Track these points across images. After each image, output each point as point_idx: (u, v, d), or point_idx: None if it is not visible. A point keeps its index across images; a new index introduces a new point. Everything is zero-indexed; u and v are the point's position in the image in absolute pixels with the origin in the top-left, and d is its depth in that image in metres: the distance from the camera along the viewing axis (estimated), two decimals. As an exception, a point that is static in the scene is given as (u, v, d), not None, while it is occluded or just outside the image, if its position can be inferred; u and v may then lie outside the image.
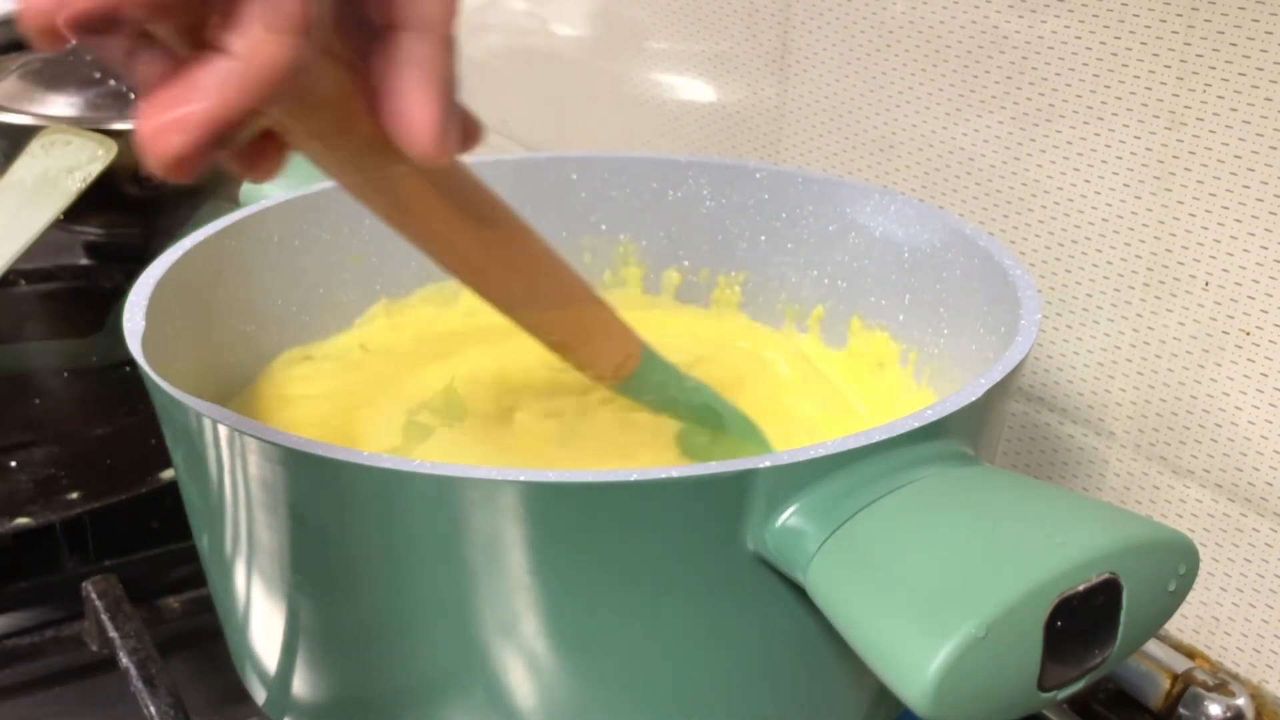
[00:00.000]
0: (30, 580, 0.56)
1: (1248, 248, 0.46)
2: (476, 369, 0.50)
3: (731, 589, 0.34)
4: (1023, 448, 0.56)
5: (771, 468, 0.32)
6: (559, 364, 0.40)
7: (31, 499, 0.57)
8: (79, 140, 0.75)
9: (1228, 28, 0.45)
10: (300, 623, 0.38)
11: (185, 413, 0.36)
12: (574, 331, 0.37)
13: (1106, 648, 0.31)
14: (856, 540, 0.32)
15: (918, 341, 0.50)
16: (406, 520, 0.34)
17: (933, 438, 0.34)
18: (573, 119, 0.80)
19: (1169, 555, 0.32)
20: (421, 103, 0.28)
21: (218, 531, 0.39)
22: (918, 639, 0.29)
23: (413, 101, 0.28)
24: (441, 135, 0.28)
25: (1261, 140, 0.45)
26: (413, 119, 0.28)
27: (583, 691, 0.36)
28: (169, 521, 0.57)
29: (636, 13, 0.72)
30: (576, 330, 0.37)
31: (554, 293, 0.36)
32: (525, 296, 0.36)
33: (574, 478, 0.32)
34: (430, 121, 0.28)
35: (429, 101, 0.28)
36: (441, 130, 0.28)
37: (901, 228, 0.50)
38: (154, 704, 0.46)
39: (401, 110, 0.28)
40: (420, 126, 0.28)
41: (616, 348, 0.39)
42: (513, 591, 0.34)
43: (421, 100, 0.28)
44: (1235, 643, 0.50)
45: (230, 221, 0.49)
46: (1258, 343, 0.46)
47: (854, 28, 0.59)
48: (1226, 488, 0.49)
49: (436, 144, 0.28)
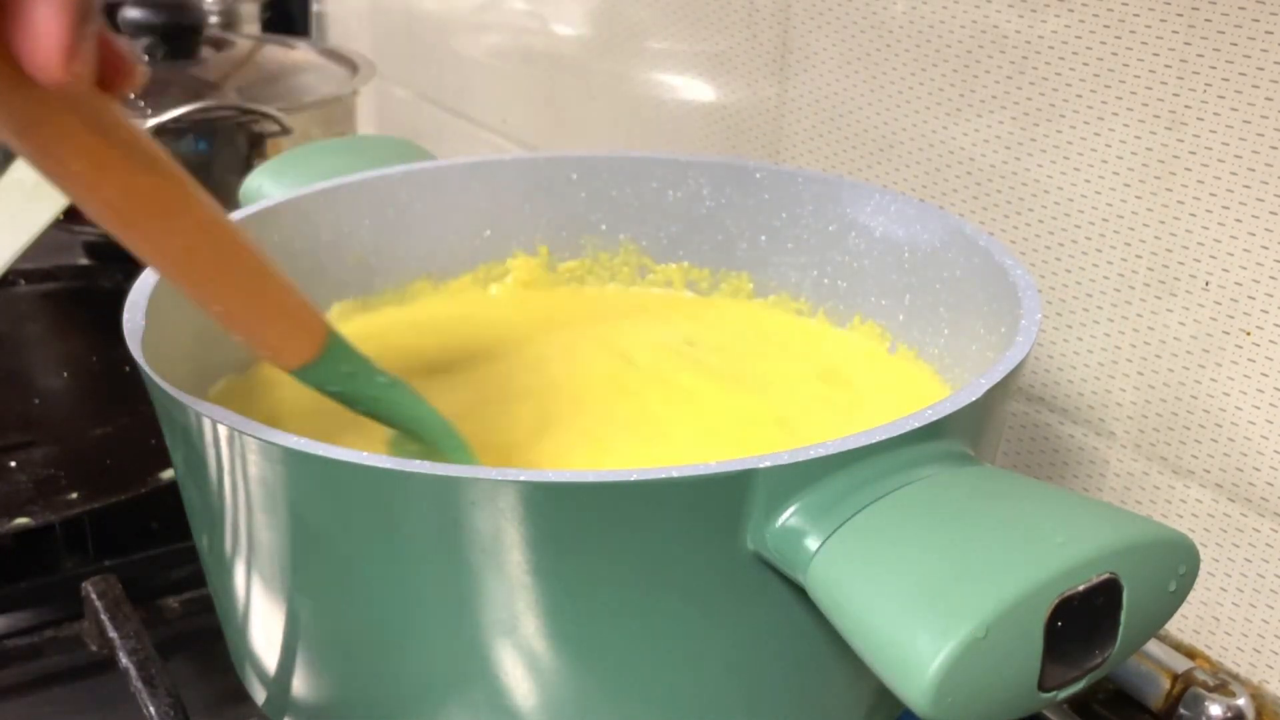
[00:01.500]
0: (30, 580, 0.56)
1: (1248, 248, 0.46)
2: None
3: (731, 589, 0.34)
4: (1023, 448, 0.56)
5: (771, 468, 0.32)
6: None
7: (31, 499, 0.57)
8: (79, 140, 0.74)
9: (1228, 28, 0.45)
10: (300, 623, 0.38)
11: (185, 413, 0.36)
12: (242, 304, 0.35)
13: (1107, 648, 0.31)
14: (856, 540, 0.31)
15: (918, 341, 0.50)
16: (406, 520, 0.34)
17: (933, 438, 0.34)
18: (573, 119, 0.80)
19: (1169, 555, 0.32)
20: (45, 18, 0.26)
21: (218, 531, 0.39)
22: (918, 639, 0.29)
23: (37, 18, 0.26)
24: (67, 54, 0.27)
25: (1261, 140, 0.45)
26: (36, 36, 0.26)
27: (582, 691, 0.36)
28: (169, 521, 0.57)
29: (636, 13, 0.72)
30: (245, 303, 0.35)
31: (219, 259, 0.34)
32: (185, 258, 0.33)
33: (574, 478, 0.32)
34: (55, 38, 0.26)
35: (53, 17, 0.26)
36: (68, 49, 0.27)
37: (901, 228, 0.50)
38: (154, 704, 0.46)
39: (25, 29, 0.27)
40: (44, 44, 0.27)
41: (293, 328, 0.36)
42: (513, 591, 0.34)
43: (45, 15, 0.26)
44: (1235, 643, 0.50)
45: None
46: (1258, 343, 0.46)
47: (854, 28, 0.59)
48: (1227, 488, 0.49)
49: (61, 63, 0.27)
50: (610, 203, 0.56)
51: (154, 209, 0.32)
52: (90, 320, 0.77)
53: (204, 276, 0.34)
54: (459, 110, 0.93)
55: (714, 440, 0.46)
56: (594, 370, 0.51)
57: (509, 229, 0.56)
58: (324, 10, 1.13)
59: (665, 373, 0.50)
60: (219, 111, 0.84)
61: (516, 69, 0.85)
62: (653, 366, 0.51)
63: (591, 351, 0.52)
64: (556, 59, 0.80)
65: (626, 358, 0.52)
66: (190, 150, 0.83)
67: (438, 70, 0.95)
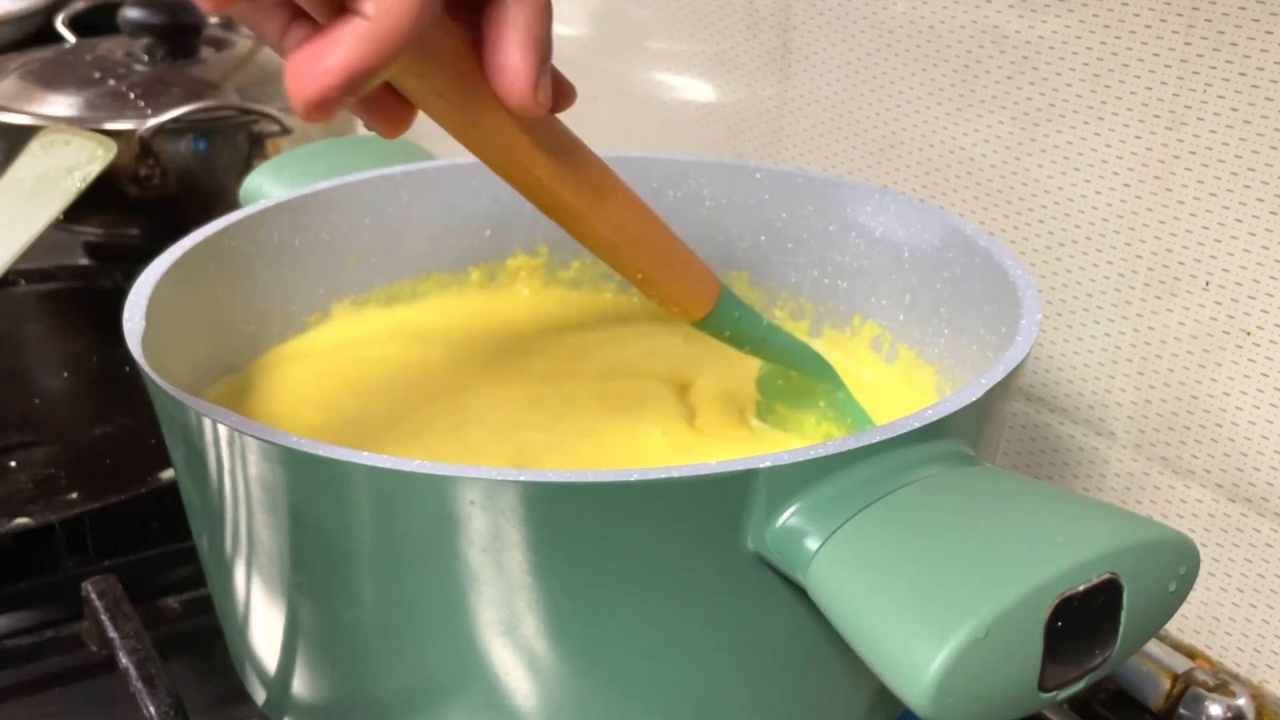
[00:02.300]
0: (30, 580, 0.56)
1: (1248, 248, 0.46)
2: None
3: (731, 589, 0.34)
4: (1023, 448, 0.56)
5: (772, 468, 0.32)
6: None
7: (31, 499, 0.57)
8: (79, 140, 0.75)
9: (1228, 28, 0.45)
10: (300, 623, 0.38)
11: (185, 413, 0.36)
12: (658, 268, 0.41)
13: (1107, 648, 0.31)
14: (857, 540, 0.32)
15: (918, 341, 0.50)
16: (406, 520, 0.34)
17: (933, 438, 0.34)
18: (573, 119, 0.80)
19: (1169, 555, 0.32)
20: (520, 58, 0.33)
21: (218, 531, 0.39)
22: (918, 639, 0.29)
23: (512, 57, 0.33)
24: (535, 87, 0.33)
25: (1261, 140, 0.45)
26: (512, 72, 0.33)
27: (582, 691, 0.36)
28: (169, 521, 0.57)
29: (636, 13, 0.72)
30: (660, 267, 0.41)
31: (640, 233, 0.40)
32: (615, 236, 0.39)
33: (574, 478, 0.32)
34: (527, 75, 0.33)
35: (526, 57, 0.33)
36: (535, 83, 0.33)
37: (901, 228, 0.50)
38: (154, 704, 0.46)
39: (503, 64, 0.33)
40: (518, 79, 0.33)
41: (697, 285, 0.42)
42: (512, 591, 0.34)
43: (520, 56, 0.33)
44: (1235, 643, 0.50)
45: (230, 221, 0.49)
46: (1258, 343, 0.46)
47: (854, 28, 0.59)
48: (1227, 488, 0.49)
49: (531, 95, 0.33)
50: (610, 203, 0.56)
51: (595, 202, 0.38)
52: (90, 320, 0.78)
53: (631, 249, 0.40)
54: (459, 110, 0.93)
55: (715, 440, 0.46)
56: (593, 370, 0.51)
57: (509, 229, 0.56)
58: (324, 10, 1.13)
59: (665, 372, 0.50)
60: (219, 111, 0.84)
61: (516, 69, 0.85)
62: (653, 366, 0.51)
63: (590, 351, 0.52)
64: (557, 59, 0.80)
65: (626, 357, 0.52)
66: (190, 150, 0.83)
67: (438, 70, 0.95)
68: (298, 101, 0.30)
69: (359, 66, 0.30)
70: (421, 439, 0.46)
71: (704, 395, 0.49)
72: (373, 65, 0.30)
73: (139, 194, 0.83)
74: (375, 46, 0.30)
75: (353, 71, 0.30)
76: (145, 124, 0.81)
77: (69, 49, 0.97)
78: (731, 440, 0.46)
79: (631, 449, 0.45)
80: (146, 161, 0.82)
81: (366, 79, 0.30)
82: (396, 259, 0.55)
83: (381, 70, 0.30)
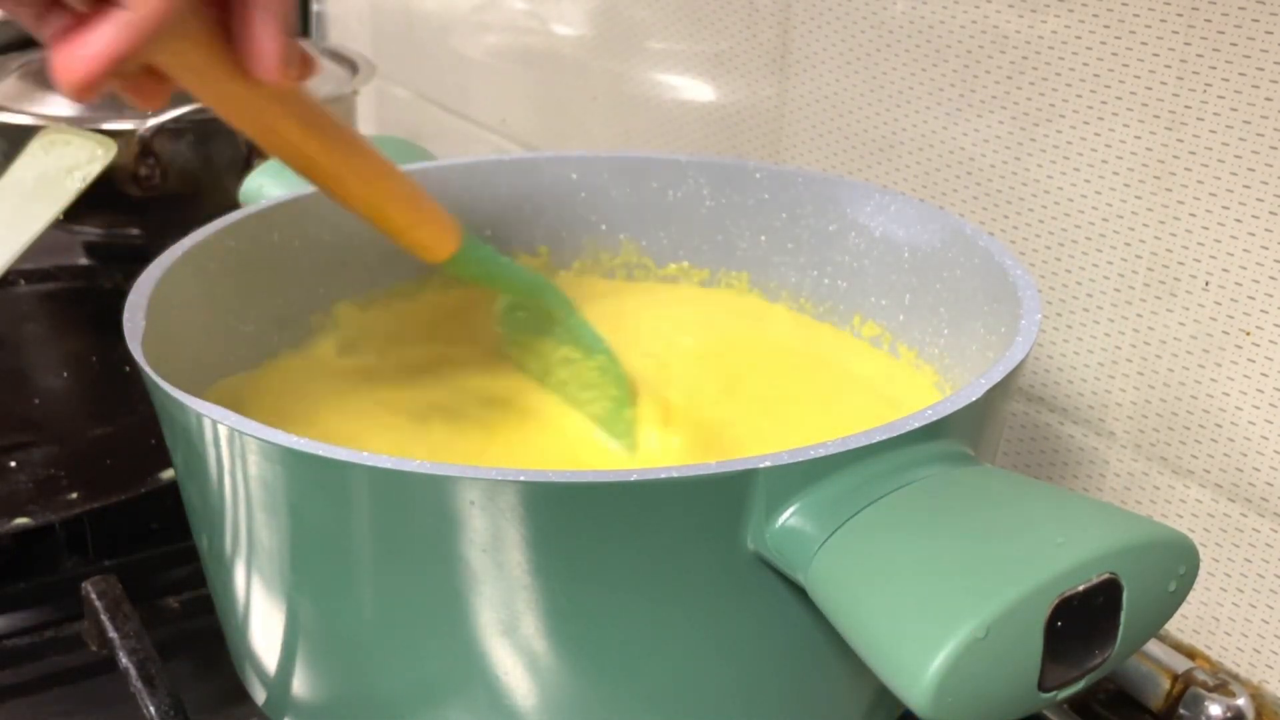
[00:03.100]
0: (30, 580, 0.56)
1: (1248, 248, 0.46)
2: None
3: (731, 589, 0.34)
4: (1023, 448, 0.56)
5: (772, 468, 0.32)
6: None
7: (31, 499, 0.57)
8: (79, 140, 0.75)
9: (1228, 28, 0.45)
10: (300, 623, 0.38)
11: (185, 413, 0.36)
12: (407, 216, 0.45)
13: (1107, 648, 0.31)
14: (857, 540, 0.31)
15: (918, 341, 0.50)
16: (406, 520, 0.34)
17: (933, 438, 0.34)
18: (573, 119, 0.80)
19: (1169, 555, 0.31)
20: (268, 36, 0.36)
21: (218, 531, 0.39)
22: (918, 639, 0.29)
23: (261, 36, 0.36)
24: (283, 61, 0.36)
25: (1261, 140, 0.45)
26: (261, 50, 0.36)
27: (582, 691, 0.36)
28: (169, 521, 0.57)
29: (636, 13, 0.72)
30: (409, 215, 0.45)
31: (386, 186, 0.44)
32: (364, 190, 0.43)
33: (574, 478, 0.32)
34: (275, 52, 0.36)
35: (274, 36, 0.36)
36: (283, 58, 0.36)
37: (901, 228, 0.50)
38: (154, 704, 0.46)
39: (251, 42, 0.36)
40: (266, 56, 0.36)
41: (441, 230, 0.46)
42: (512, 591, 0.34)
43: (268, 35, 0.36)
44: (1235, 643, 0.50)
45: (230, 221, 0.49)
46: (1258, 343, 0.46)
47: (854, 28, 0.59)
48: (1226, 488, 0.49)
49: (280, 70, 0.36)
50: (610, 203, 0.56)
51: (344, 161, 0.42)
52: (90, 320, 0.77)
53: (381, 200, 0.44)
54: (459, 110, 0.93)
55: (715, 440, 0.46)
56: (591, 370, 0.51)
57: (509, 229, 0.56)
58: (324, 10, 1.13)
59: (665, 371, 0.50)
60: (219, 111, 0.84)
61: (516, 69, 0.85)
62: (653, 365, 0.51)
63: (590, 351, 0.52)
64: (556, 59, 0.80)
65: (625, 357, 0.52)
66: (190, 150, 0.83)
67: (437, 70, 0.95)
68: (66, 85, 0.34)
69: (121, 51, 0.33)
70: (422, 438, 0.46)
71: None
72: (133, 50, 0.33)
73: (139, 194, 0.83)
74: (134, 32, 0.33)
75: (116, 56, 0.33)
76: (145, 124, 0.81)
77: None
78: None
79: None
80: (146, 161, 0.81)
81: (127, 62, 0.34)
82: (397, 259, 0.55)
83: (140, 54, 0.34)
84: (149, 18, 0.33)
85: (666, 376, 0.50)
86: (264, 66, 0.36)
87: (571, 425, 0.48)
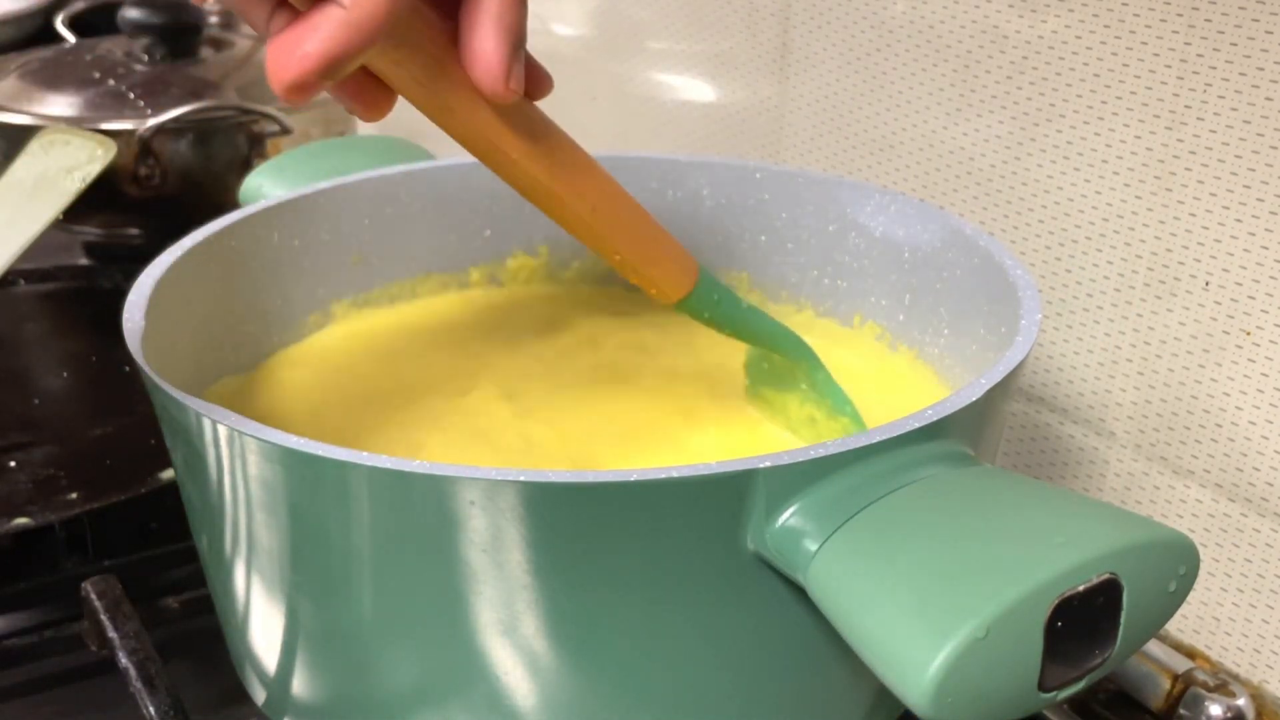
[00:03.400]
0: (29, 580, 0.56)
1: (1248, 248, 0.46)
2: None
3: (731, 589, 0.34)
4: (1023, 448, 0.56)
5: (772, 468, 0.32)
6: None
7: (31, 499, 0.57)
8: (78, 140, 0.75)
9: (1228, 28, 0.45)
10: (300, 623, 0.38)
11: (185, 413, 0.36)
12: (635, 249, 0.41)
13: (1107, 648, 0.31)
14: (856, 540, 0.31)
15: (918, 341, 0.50)
16: (406, 520, 0.34)
17: (933, 438, 0.34)
18: (573, 119, 0.80)
19: (1169, 555, 0.31)
20: (493, 46, 0.34)
21: (218, 531, 0.39)
22: (918, 639, 0.29)
23: (486, 45, 0.34)
24: (508, 74, 0.34)
25: (1261, 140, 0.45)
26: (486, 60, 0.34)
27: (582, 691, 0.36)
28: (169, 521, 0.57)
29: (636, 13, 0.72)
30: (637, 248, 0.42)
31: (616, 214, 0.41)
32: (591, 217, 0.40)
33: (574, 478, 0.32)
34: (500, 63, 0.34)
35: (500, 45, 0.34)
36: (509, 70, 0.34)
37: (901, 228, 0.50)
38: (154, 704, 0.46)
39: (477, 52, 0.34)
40: (492, 67, 0.34)
41: (675, 266, 0.42)
42: (512, 591, 0.34)
43: (493, 44, 0.34)
44: (1235, 643, 0.50)
45: (230, 221, 0.49)
46: (1258, 343, 0.46)
47: (854, 28, 0.59)
48: (1226, 488, 0.49)
49: (504, 82, 0.34)
50: (610, 203, 0.56)
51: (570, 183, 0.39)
52: (90, 320, 0.78)
53: (608, 230, 0.41)
54: (459, 110, 0.93)
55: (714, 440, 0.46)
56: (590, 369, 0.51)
57: (509, 229, 0.56)
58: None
59: (665, 372, 0.50)
60: (219, 111, 0.84)
61: (516, 69, 0.85)
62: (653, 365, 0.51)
63: (589, 350, 0.52)
64: (556, 59, 0.80)
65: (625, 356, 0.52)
66: (190, 150, 0.83)
67: (438, 70, 0.95)
68: (276, 84, 0.32)
69: (335, 52, 0.31)
70: (421, 438, 0.46)
71: (699, 387, 0.49)
72: (348, 51, 0.31)
73: (139, 194, 0.83)
74: (351, 33, 0.31)
75: (329, 57, 0.31)
76: (145, 124, 0.81)
77: (69, 49, 0.97)
78: (732, 426, 0.46)
79: (643, 445, 0.45)
80: (146, 161, 0.82)
81: (342, 65, 0.32)
82: (396, 259, 0.55)
83: (356, 56, 0.32)
84: (368, 18, 0.31)
85: None
86: (487, 77, 0.34)
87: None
